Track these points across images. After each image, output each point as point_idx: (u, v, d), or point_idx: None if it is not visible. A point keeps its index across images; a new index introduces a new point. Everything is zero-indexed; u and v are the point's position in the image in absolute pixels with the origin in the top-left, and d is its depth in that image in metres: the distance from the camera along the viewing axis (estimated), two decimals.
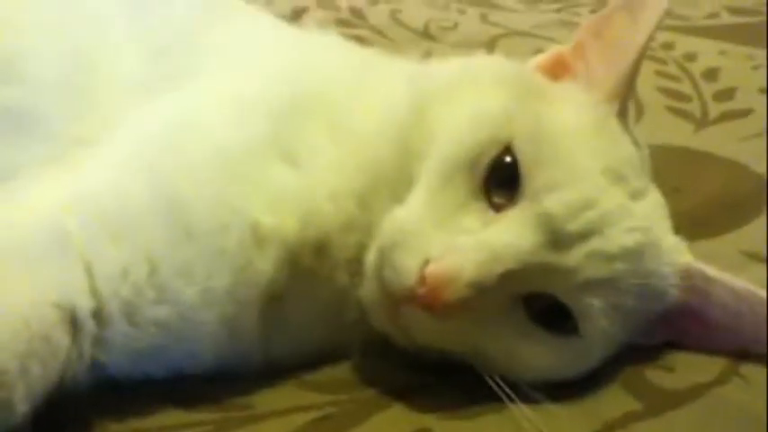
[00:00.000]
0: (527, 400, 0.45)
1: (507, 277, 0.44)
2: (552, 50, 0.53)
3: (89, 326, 0.42)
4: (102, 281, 0.42)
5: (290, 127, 0.48)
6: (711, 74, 0.96)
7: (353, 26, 1.07)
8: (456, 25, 1.12)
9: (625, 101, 0.50)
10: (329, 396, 0.47)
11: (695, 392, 0.48)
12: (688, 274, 0.48)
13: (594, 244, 0.44)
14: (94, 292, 0.42)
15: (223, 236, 0.45)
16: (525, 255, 0.44)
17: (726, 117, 0.86)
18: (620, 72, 0.49)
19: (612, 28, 0.50)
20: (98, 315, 0.42)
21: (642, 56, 0.49)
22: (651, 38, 0.49)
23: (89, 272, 0.42)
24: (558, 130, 0.46)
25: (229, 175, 0.46)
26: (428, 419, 0.45)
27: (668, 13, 0.51)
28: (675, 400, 0.47)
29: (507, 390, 0.44)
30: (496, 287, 0.44)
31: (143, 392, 0.45)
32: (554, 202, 0.44)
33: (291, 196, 0.47)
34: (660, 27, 0.50)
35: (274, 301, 0.47)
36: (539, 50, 0.54)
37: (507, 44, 1.04)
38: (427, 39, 1.06)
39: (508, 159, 0.45)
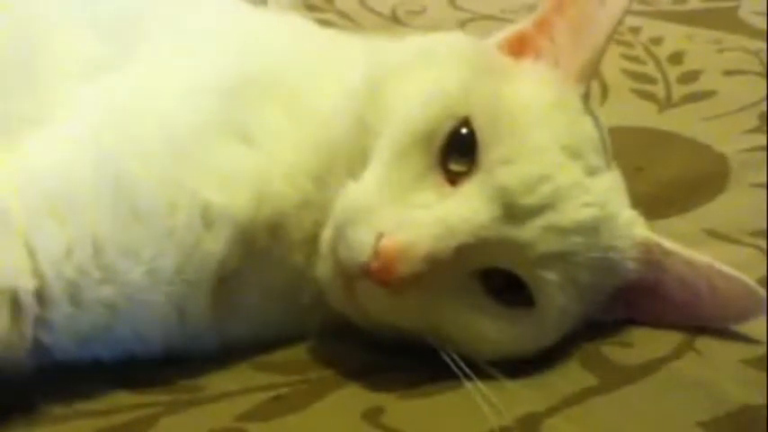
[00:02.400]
0: (484, 377, 0.44)
1: (462, 251, 0.43)
2: (513, 28, 0.52)
3: (31, 306, 0.41)
4: (44, 261, 0.41)
5: (245, 105, 0.47)
6: (677, 57, 0.96)
7: (321, 10, 1.06)
8: (424, 9, 1.11)
9: (589, 81, 0.49)
10: (283, 377, 0.46)
11: (651, 367, 0.48)
12: (645, 248, 0.48)
13: (550, 218, 0.44)
14: (37, 272, 0.41)
15: (171, 215, 0.44)
16: (480, 228, 0.43)
17: (689, 99, 0.86)
18: (586, 53, 0.49)
19: (578, 6, 0.49)
20: (41, 295, 0.41)
21: (610, 38, 0.49)
22: (620, 21, 0.49)
23: (31, 252, 0.41)
24: (517, 105, 0.46)
25: (179, 153, 0.45)
26: (382, 398, 0.45)
27: None
28: (631, 375, 0.47)
29: (464, 367, 0.44)
30: (452, 262, 0.43)
31: (92, 375, 0.44)
32: (510, 176, 0.44)
33: (244, 175, 0.46)
34: (629, 11, 0.50)
35: (227, 281, 0.46)
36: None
37: (475, 28, 1.03)
38: (395, 23, 1.05)
39: (464, 131, 0.45)
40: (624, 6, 0.49)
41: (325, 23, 0.98)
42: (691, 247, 0.50)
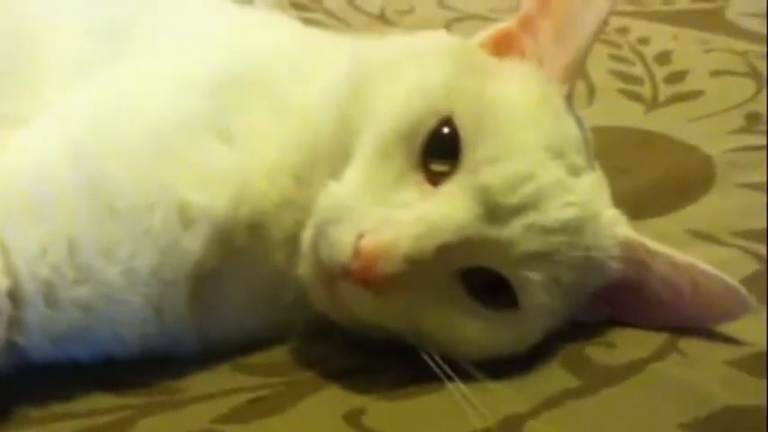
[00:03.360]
0: (466, 378, 0.44)
1: (444, 251, 0.43)
2: (496, 27, 0.52)
3: (5, 306, 0.40)
4: (18, 260, 0.41)
5: (227, 104, 0.47)
6: (664, 57, 0.96)
7: (309, 10, 1.06)
8: (412, 9, 1.11)
9: (574, 82, 0.49)
10: (263, 378, 0.46)
11: (633, 368, 0.47)
12: (628, 247, 0.48)
13: (532, 217, 0.44)
14: (10, 271, 0.41)
15: (147, 215, 0.43)
16: (462, 228, 0.43)
17: (676, 99, 0.86)
18: (570, 53, 0.48)
19: (562, 6, 0.49)
20: (14, 295, 0.41)
21: (595, 39, 0.49)
22: (605, 21, 0.49)
23: (4, 250, 0.41)
24: (501, 104, 0.46)
25: (157, 151, 0.45)
26: (363, 400, 0.44)
27: None
28: (614, 376, 0.47)
29: (446, 368, 0.44)
30: (434, 261, 0.43)
31: (69, 377, 0.44)
32: (492, 175, 0.43)
33: (224, 174, 0.45)
34: (616, 12, 0.50)
35: (206, 281, 0.45)
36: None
37: (463, 28, 1.03)
38: (383, 22, 1.05)
39: (446, 130, 0.45)
40: (608, 7, 0.48)
41: (312, 22, 0.98)
42: (675, 247, 0.49)
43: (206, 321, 0.46)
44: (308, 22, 0.97)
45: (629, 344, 0.49)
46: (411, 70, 0.47)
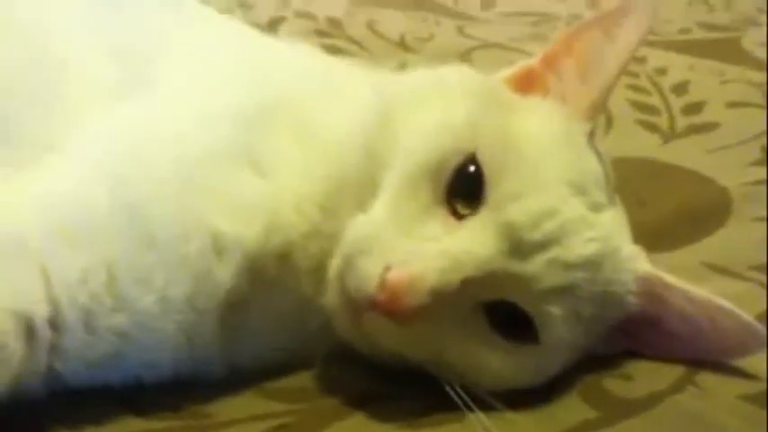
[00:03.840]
0: (486, 407, 0.45)
1: (468, 284, 0.44)
2: (521, 64, 0.53)
3: (45, 333, 0.42)
4: (59, 288, 0.42)
5: (256, 135, 0.48)
6: (681, 88, 0.97)
7: (331, 36, 1.08)
8: (432, 36, 1.12)
9: (597, 119, 0.50)
10: (289, 405, 0.47)
11: (651, 401, 0.48)
12: (646, 282, 0.49)
13: (554, 253, 0.45)
14: (51, 299, 0.42)
15: (183, 244, 0.45)
16: (486, 262, 0.44)
17: (693, 130, 0.87)
18: (594, 92, 0.49)
19: (585, 44, 0.50)
20: (54, 322, 0.42)
21: (618, 77, 0.49)
22: (629, 60, 0.50)
23: (46, 279, 0.42)
24: (524, 141, 0.47)
25: (192, 182, 0.46)
26: (387, 428, 0.45)
27: None
28: (631, 408, 0.48)
29: (466, 398, 0.45)
30: (457, 294, 0.44)
31: (101, 400, 0.45)
32: (516, 211, 0.44)
33: (255, 204, 0.47)
34: (637, 50, 0.50)
35: (235, 309, 0.47)
36: (512, 62, 0.55)
37: (482, 56, 1.05)
38: (403, 49, 1.07)
39: (472, 169, 0.46)
40: (633, 46, 0.49)
41: (334, 49, 1.00)
42: (691, 280, 0.50)
43: (233, 347, 0.47)
44: (329, 48, 1.00)
45: (647, 376, 0.50)
46: (437, 106, 0.49)
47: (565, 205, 0.45)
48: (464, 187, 0.46)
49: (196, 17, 0.58)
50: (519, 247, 0.44)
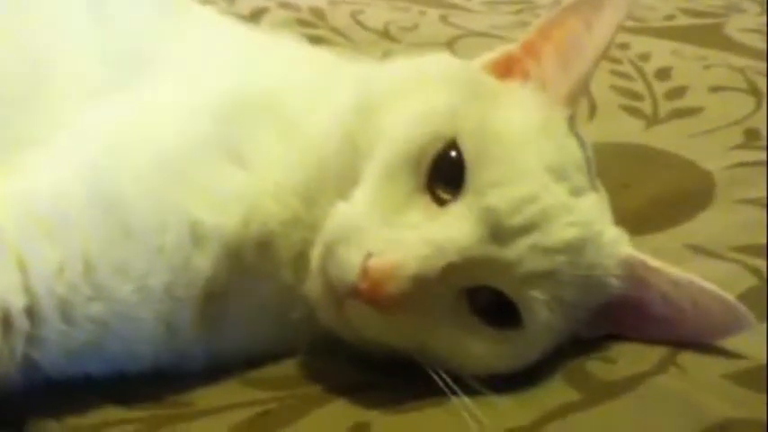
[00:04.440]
0: (470, 391, 0.45)
1: (450, 271, 0.44)
2: (500, 49, 0.53)
3: (22, 324, 0.42)
4: (35, 278, 0.42)
5: (236, 127, 0.48)
6: (664, 73, 0.97)
7: (314, 26, 1.07)
8: (416, 26, 1.12)
9: (576, 105, 0.50)
10: (271, 392, 0.47)
11: (633, 382, 0.48)
12: (628, 265, 0.49)
13: (535, 238, 0.45)
14: (28, 289, 0.42)
15: (161, 234, 0.45)
16: (467, 248, 0.44)
17: (676, 115, 0.87)
18: (573, 78, 0.50)
19: (563, 31, 0.50)
20: (32, 312, 0.42)
21: (597, 64, 0.50)
22: (607, 47, 0.50)
23: (23, 269, 0.42)
24: (504, 127, 0.47)
25: (170, 172, 0.46)
26: (368, 414, 0.45)
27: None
28: (614, 389, 0.48)
29: (450, 383, 0.45)
30: (439, 281, 0.44)
31: (81, 391, 0.45)
32: (497, 198, 0.45)
33: (234, 194, 0.47)
34: (616, 36, 0.50)
35: (216, 298, 0.46)
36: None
37: (466, 45, 1.04)
38: (387, 39, 1.06)
39: (453, 154, 0.46)
40: (610, 33, 0.49)
41: (317, 40, 1.00)
42: (674, 262, 0.50)
43: (215, 337, 0.47)
44: (313, 38, 0.99)
45: (629, 358, 0.50)
46: (417, 94, 0.49)
47: (545, 191, 0.45)
48: (445, 173, 0.46)
49: (180, 12, 0.58)
50: (500, 232, 0.44)
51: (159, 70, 0.52)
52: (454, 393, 0.45)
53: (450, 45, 1.04)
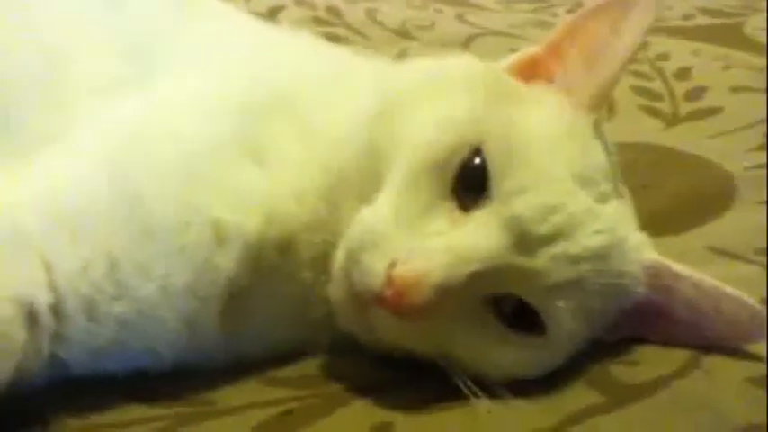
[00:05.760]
0: (492, 395, 0.45)
1: (474, 279, 0.44)
2: (524, 51, 0.53)
3: (47, 321, 0.42)
4: (60, 276, 0.42)
5: (258, 126, 0.48)
6: (683, 73, 0.97)
7: (330, 24, 1.07)
8: (432, 24, 1.12)
9: (602, 109, 0.50)
10: (293, 391, 0.47)
11: (656, 385, 0.48)
12: (653, 271, 0.48)
13: (561, 247, 0.44)
14: (53, 287, 0.42)
15: (184, 234, 0.45)
16: (492, 257, 0.44)
17: (696, 115, 0.87)
18: (599, 82, 0.49)
19: (590, 33, 0.49)
20: (56, 310, 0.42)
21: (624, 68, 0.49)
22: (635, 51, 0.49)
23: (48, 267, 0.42)
24: (529, 133, 0.46)
25: (192, 173, 0.46)
26: (391, 414, 0.45)
27: None
28: (637, 393, 0.47)
29: (473, 387, 0.45)
30: (463, 289, 0.44)
31: (103, 388, 0.45)
32: (522, 206, 0.44)
33: (256, 195, 0.47)
34: (643, 40, 0.50)
35: (237, 298, 0.46)
36: (514, 49, 0.54)
37: (483, 43, 1.04)
38: (404, 37, 1.06)
39: (477, 161, 0.45)
40: (638, 37, 0.49)
41: (333, 38, 0.99)
42: (696, 264, 0.50)
43: (236, 336, 0.47)
44: (329, 36, 0.99)
45: (652, 361, 0.50)
46: (440, 97, 0.48)
47: (571, 198, 0.45)
48: (470, 180, 0.46)
49: (199, 9, 0.58)
50: (525, 241, 0.44)
51: (176, 64, 0.51)
52: (476, 396, 0.44)
53: (466, 44, 1.04)
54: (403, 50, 0.98)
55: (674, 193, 0.70)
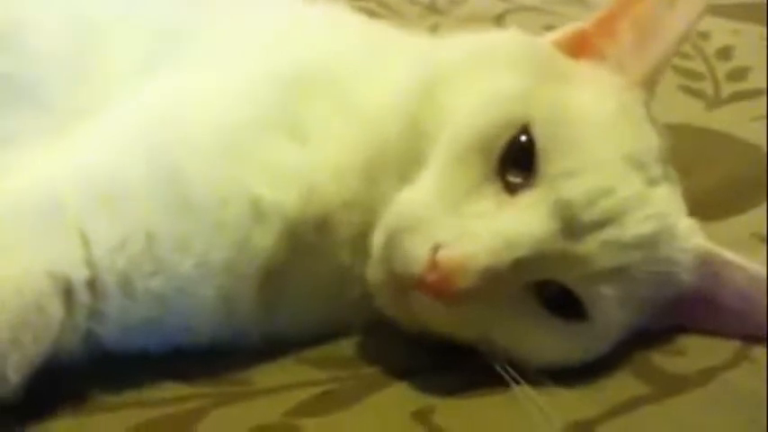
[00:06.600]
0: (533, 383, 0.44)
1: (520, 264, 0.42)
2: (571, 26, 0.51)
3: (84, 297, 0.41)
4: (97, 252, 0.41)
5: (297, 102, 0.47)
6: (725, 53, 0.94)
7: None
8: None
9: (654, 88, 0.48)
10: (330, 372, 0.46)
11: (704, 376, 0.47)
12: (703, 259, 0.47)
13: (610, 232, 0.43)
14: (90, 262, 0.41)
15: (222, 209, 0.44)
16: (539, 242, 0.42)
17: (738, 97, 0.84)
18: (652, 59, 0.47)
19: (644, 9, 0.47)
20: (93, 286, 0.41)
21: (681, 43, 0.47)
22: (693, 26, 0.47)
23: (85, 243, 0.41)
24: (579, 114, 0.45)
25: (231, 148, 0.45)
26: (432, 398, 0.44)
27: None
28: (683, 384, 0.46)
29: (515, 374, 0.44)
30: (508, 274, 0.42)
31: (140, 366, 0.44)
32: (572, 190, 0.43)
33: (294, 171, 0.45)
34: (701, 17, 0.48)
35: (274, 275, 0.46)
36: (547, 26, 0.53)
37: (516, 19, 1.02)
38: (435, 13, 1.04)
39: (525, 139, 0.44)
40: (696, 11, 0.47)
41: (365, 12, 0.97)
42: (742, 252, 0.48)
43: (272, 314, 0.47)
44: (360, 11, 0.96)
45: (699, 351, 0.49)
46: (485, 74, 0.47)
47: (621, 182, 0.43)
48: (517, 160, 0.44)
49: None
50: (573, 226, 0.43)
51: (213, 38, 0.51)
52: (517, 383, 0.43)
53: (498, 19, 1.02)
54: (434, 25, 0.96)
55: (717, 177, 0.68)
